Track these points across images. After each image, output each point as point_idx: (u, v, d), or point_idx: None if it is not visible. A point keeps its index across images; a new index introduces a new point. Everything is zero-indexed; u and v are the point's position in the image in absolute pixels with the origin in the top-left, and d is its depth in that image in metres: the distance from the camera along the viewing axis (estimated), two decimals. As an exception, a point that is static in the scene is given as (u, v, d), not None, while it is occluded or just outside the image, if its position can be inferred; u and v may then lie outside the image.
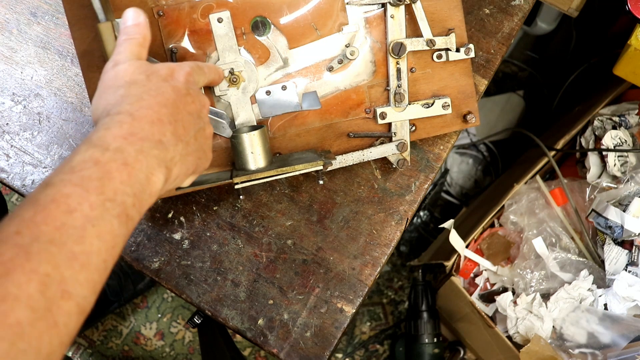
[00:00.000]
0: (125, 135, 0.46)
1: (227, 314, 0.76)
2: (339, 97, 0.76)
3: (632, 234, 0.94)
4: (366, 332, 1.49)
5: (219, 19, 0.69)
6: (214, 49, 0.71)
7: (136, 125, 0.47)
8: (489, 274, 1.10)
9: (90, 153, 0.44)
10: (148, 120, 0.48)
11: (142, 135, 0.47)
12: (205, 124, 0.58)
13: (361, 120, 0.77)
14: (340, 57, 0.74)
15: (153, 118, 0.49)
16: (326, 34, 0.73)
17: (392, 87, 0.75)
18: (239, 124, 0.74)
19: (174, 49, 0.69)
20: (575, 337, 0.98)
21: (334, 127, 0.76)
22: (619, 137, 1.05)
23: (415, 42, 0.74)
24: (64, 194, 0.42)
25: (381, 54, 0.75)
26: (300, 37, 0.72)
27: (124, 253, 0.78)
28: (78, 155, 0.44)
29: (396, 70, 0.74)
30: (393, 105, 0.76)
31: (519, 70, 1.67)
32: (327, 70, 0.74)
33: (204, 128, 0.57)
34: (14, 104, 0.83)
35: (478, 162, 1.62)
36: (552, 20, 1.43)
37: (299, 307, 0.77)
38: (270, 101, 0.74)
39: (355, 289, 0.77)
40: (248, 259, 0.78)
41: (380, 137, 0.77)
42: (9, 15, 0.87)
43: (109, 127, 0.46)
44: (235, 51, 0.71)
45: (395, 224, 0.80)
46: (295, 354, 0.75)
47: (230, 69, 0.71)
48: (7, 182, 0.80)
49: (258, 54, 0.72)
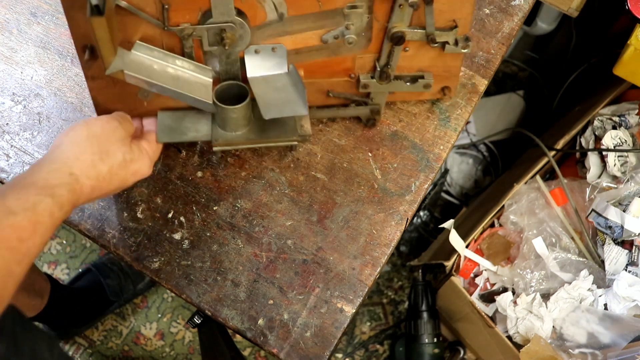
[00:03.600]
0: (73, 202, 0.62)
1: (227, 314, 0.76)
2: (327, 61, 0.75)
3: (632, 234, 0.94)
4: (366, 332, 1.49)
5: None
6: (208, 11, 0.68)
7: (81, 196, 0.63)
8: (489, 274, 1.10)
9: (50, 207, 0.58)
10: (87, 194, 0.65)
11: (78, 202, 0.63)
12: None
13: (343, 82, 0.78)
14: (337, 34, 0.72)
15: (90, 193, 0.65)
16: (328, 7, 0.70)
17: (380, 66, 0.75)
18: (223, 79, 0.74)
19: (165, 4, 0.66)
20: (575, 337, 0.98)
21: (315, 84, 0.77)
22: (619, 137, 1.05)
23: (416, 34, 0.72)
24: (22, 226, 0.54)
25: (378, 33, 0.73)
26: (301, 6, 0.69)
27: (124, 253, 0.78)
28: (41, 204, 0.57)
29: (389, 52, 0.73)
30: (377, 79, 0.76)
31: (519, 70, 1.67)
32: (322, 41, 0.73)
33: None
34: (14, 104, 0.83)
35: (478, 162, 1.62)
36: (552, 20, 1.43)
37: (299, 307, 0.77)
38: (258, 60, 0.73)
39: (355, 289, 0.77)
40: (248, 259, 0.78)
41: (357, 101, 0.79)
42: (9, 15, 0.87)
43: (69, 191, 0.61)
44: (231, 11, 0.68)
45: (395, 224, 0.80)
46: (295, 354, 0.75)
47: (222, 29, 0.69)
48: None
49: (254, 15, 0.70)
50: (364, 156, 0.82)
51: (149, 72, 0.70)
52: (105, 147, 0.65)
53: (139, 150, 0.69)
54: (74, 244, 1.54)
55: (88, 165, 0.63)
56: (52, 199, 0.58)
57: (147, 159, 0.70)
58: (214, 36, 0.70)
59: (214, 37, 0.70)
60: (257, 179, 0.81)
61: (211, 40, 0.70)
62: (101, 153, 0.65)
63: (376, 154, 0.82)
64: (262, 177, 0.81)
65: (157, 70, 0.70)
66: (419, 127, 0.84)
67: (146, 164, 0.70)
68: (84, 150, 0.64)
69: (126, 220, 0.79)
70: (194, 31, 0.69)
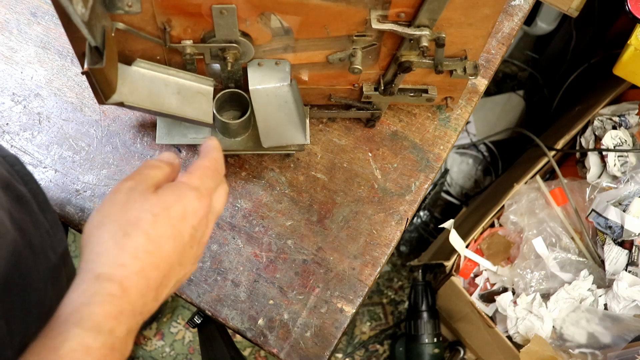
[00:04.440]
0: (116, 314, 0.44)
1: (227, 314, 0.76)
2: (331, 73, 0.75)
3: (632, 234, 0.94)
4: (366, 332, 1.49)
5: (222, 10, 0.62)
6: (211, 31, 0.66)
7: (125, 300, 0.45)
8: (489, 274, 1.10)
9: (81, 339, 0.41)
10: (137, 292, 0.45)
11: (130, 311, 0.45)
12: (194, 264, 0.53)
13: (345, 89, 0.78)
14: (343, 56, 0.71)
15: (142, 288, 0.46)
16: (336, 34, 0.68)
17: (385, 82, 0.75)
18: (225, 85, 0.74)
19: (167, 26, 0.63)
20: (575, 337, 0.98)
21: (317, 89, 0.77)
22: (619, 137, 1.06)
23: (424, 63, 0.70)
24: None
25: (385, 57, 0.71)
26: (308, 32, 0.68)
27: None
28: (68, 342, 0.41)
29: (394, 73, 0.73)
30: (380, 93, 0.76)
31: (519, 70, 1.67)
32: (327, 61, 0.72)
33: (191, 270, 0.53)
34: (14, 104, 0.83)
35: (478, 162, 1.62)
36: (552, 20, 1.43)
37: (299, 307, 0.77)
38: (260, 73, 0.73)
39: (355, 289, 0.77)
40: (248, 259, 0.78)
41: (359, 106, 0.80)
42: (9, 15, 0.87)
43: (101, 302, 0.43)
44: (235, 33, 0.66)
45: (395, 224, 0.80)
46: (295, 354, 0.75)
47: (223, 48, 0.67)
48: (7, 182, 0.80)
49: (258, 36, 0.67)
50: (364, 156, 0.82)
51: (148, 91, 0.68)
52: (125, 219, 0.47)
53: (171, 189, 0.50)
54: (74, 244, 1.54)
55: (113, 253, 0.45)
56: (81, 329, 0.41)
57: (188, 192, 0.50)
58: (216, 52, 0.69)
59: (215, 53, 0.69)
60: (257, 179, 0.81)
61: (212, 55, 0.69)
62: (123, 228, 0.46)
63: (376, 154, 0.83)
64: (262, 177, 0.81)
65: (157, 87, 0.69)
66: (419, 127, 0.84)
67: (191, 198, 0.50)
68: (98, 241, 0.46)
69: (126, 220, 0.79)
70: (196, 49, 0.68)
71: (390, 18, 0.64)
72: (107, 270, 0.44)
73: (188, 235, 0.49)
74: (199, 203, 0.50)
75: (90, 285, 0.43)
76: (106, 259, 0.45)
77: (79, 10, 0.52)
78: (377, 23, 0.63)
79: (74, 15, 0.51)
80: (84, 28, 0.53)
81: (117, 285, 0.44)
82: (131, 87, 0.67)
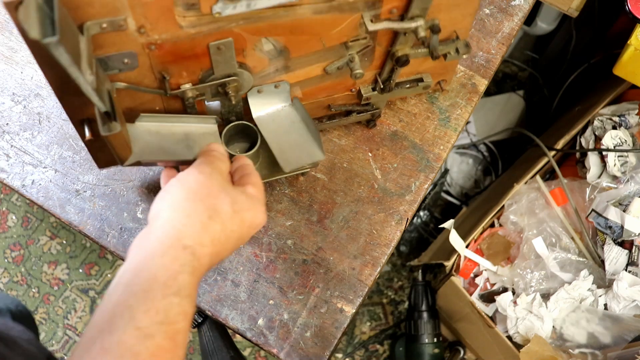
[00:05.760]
0: (196, 285, 0.51)
1: (227, 314, 0.76)
2: (328, 84, 0.74)
3: (632, 234, 0.94)
4: (366, 332, 1.49)
5: (219, 46, 0.61)
6: (209, 69, 0.65)
7: (199, 274, 0.52)
8: (489, 274, 1.10)
9: (181, 308, 0.49)
10: (204, 271, 0.53)
11: (198, 283, 0.54)
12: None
13: (343, 96, 0.78)
14: (340, 64, 0.71)
15: (206, 268, 0.54)
16: (332, 44, 0.68)
17: (382, 80, 0.75)
18: (226, 119, 0.73)
19: (165, 74, 0.63)
20: (575, 337, 0.98)
21: (316, 102, 0.77)
22: (619, 137, 1.05)
23: (420, 53, 0.71)
24: (163, 347, 0.46)
25: (381, 55, 0.72)
26: (303, 49, 0.68)
27: (124, 253, 0.78)
28: (173, 308, 0.48)
29: (391, 69, 0.73)
30: (379, 92, 0.76)
31: (519, 70, 1.67)
32: (325, 72, 0.73)
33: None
34: (14, 104, 0.83)
35: (478, 162, 1.62)
36: (552, 20, 1.43)
37: (299, 307, 0.77)
38: (261, 99, 0.72)
39: (355, 289, 0.77)
40: (248, 259, 0.78)
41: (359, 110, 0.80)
42: (9, 15, 0.87)
43: (190, 273, 0.51)
44: (233, 67, 0.65)
45: (395, 224, 0.80)
46: (295, 354, 0.75)
47: (223, 84, 0.67)
48: (7, 182, 0.80)
49: (256, 65, 0.68)
50: (364, 156, 0.82)
51: (158, 143, 0.67)
52: (210, 203, 0.55)
53: (246, 196, 0.58)
54: (74, 244, 1.54)
55: (199, 230, 0.53)
56: (179, 297, 0.49)
57: (258, 205, 0.59)
58: (216, 89, 0.68)
59: (216, 90, 0.68)
60: (257, 179, 0.81)
61: (213, 93, 0.68)
62: (208, 210, 0.54)
63: (376, 154, 0.82)
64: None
65: (165, 138, 0.67)
66: (419, 127, 0.84)
67: (260, 211, 0.59)
68: (188, 213, 0.53)
69: (126, 220, 0.79)
70: (197, 90, 0.67)
71: (383, 16, 0.64)
72: (191, 244, 0.51)
73: (246, 239, 0.58)
74: (263, 218, 0.59)
75: (179, 254, 0.51)
76: (192, 232, 0.52)
77: (89, 79, 0.50)
78: (371, 24, 0.64)
79: (84, 85, 0.49)
80: (94, 96, 0.51)
81: (197, 260, 0.51)
82: (141, 144, 0.65)
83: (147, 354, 0.45)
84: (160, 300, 0.47)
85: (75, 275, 1.51)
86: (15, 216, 1.56)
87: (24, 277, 1.52)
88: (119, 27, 0.54)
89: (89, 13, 0.52)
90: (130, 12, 0.54)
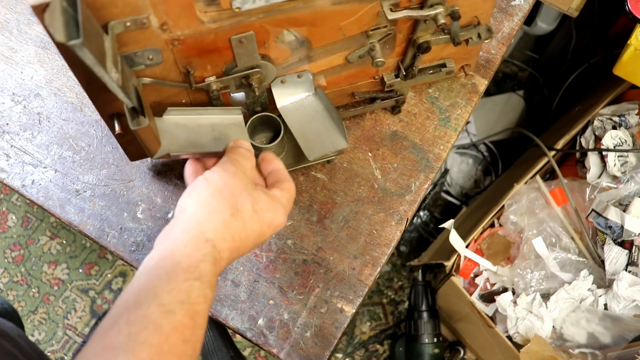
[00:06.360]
0: (216, 274, 0.56)
1: (227, 314, 0.76)
2: (351, 72, 0.75)
3: (632, 234, 0.94)
4: (366, 332, 1.49)
5: (240, 40, 0.63)
6: (232, 62, 0.66)
7: (220, 266, 0.57)
8: (489, 274, 1.10)
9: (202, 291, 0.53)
10: (224, 264, 0.57)
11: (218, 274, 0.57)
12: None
13: (367, 84, 0.78)
14: (362, 53, 0.71)
15: (226, 261, 0.58)
16: (352, 34, 0.68)
17: (405, 67, 0.75)
18: (252, 109, 0.74)
19: (190, 68, 0.65)
20: (575, 337, 0.98)
21: (340, 90, 0.77)
22: (619, 137, 1.05)
23: (441, 39, 0.71)
24: (183, 324, 0.50)
25: (402, 42, 0.72)
26: (324, 39, 0.68)
27: (124, 253, 0.78)
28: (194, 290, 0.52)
29: (413, 56, 0.73)
30: (402, 78, 0.76)
31: (519, 70, 1.67)
32: (347, 61, 0.72)
33: None
34: (14, 104, 0.83)
35: (478, 162, 1.62)
36: (552, 20, 1.43)
37: (299, 307, 0.77)
38: (285, 89, 0.73)
39: (355, 289, 0.77)
40: (248, 259, 0.78)
41: (383, 96, 0.80)
42: (9, 15, 0.87)
43: (212, 262, 0.55)
44: (255, 59, 0.66)
45: (395, 224, 0.80)
46: (295, 354, 0.75)
47: (247, 75, 0.68)
48: (7, 182, 0.80)
49: (278, 55, 0.69)
50: (364, 156, 0.82)
51: (185, 136, 0.68)
52: (232, 201, 0.58)
53: (268, 196, 0.61)
54: (74, 244, 1.54)
55: (221, 226, 0.57)
56: (200, 282, 0.53)
57: (280, 208, 0.62)
58: (240, 81, 0.69)
59: (240, 82, 0.69)
60: (257, 179, 0.81)
61: (237, 85, 0.69)
62: (230, 208, 0.58)
63: (376, 154, 0.82)
64: (262, 177, 0.81)
65: (192, 130, 0.69)
66: (419, 127, 0.84)
67: (280, 213, 0.61)
68: (212, 209, 0.57)
69: (126, 220, 0.79)
70: (221, 83, 0.68)
71: (402, 4, 0.64)
72: (213, 237, 0.56)
73: (267, 237, 0.61)
74: (283, 219, 0.62)
75: (202, 245, 0.55)
76: (215, 227, 0.56)
77: (114, 77, 0.52)
78: (391, 13, 0.64)
79: (110, 82, 0.51)
80: (120, 92, 0.53)
81: (217, 252, 0.56)
82: (169, 137, 0.67)
83: (169, 327, 0.49)
84: (183, 283, 0.52)
85: (75, 275, 1.52)
86: (15, 216, 1.56)
87: (24, 277, 1.52)
88: (142, 24, 0.56)
89: (113, 13, 0.53)
90: (152, 10, 0.55)
